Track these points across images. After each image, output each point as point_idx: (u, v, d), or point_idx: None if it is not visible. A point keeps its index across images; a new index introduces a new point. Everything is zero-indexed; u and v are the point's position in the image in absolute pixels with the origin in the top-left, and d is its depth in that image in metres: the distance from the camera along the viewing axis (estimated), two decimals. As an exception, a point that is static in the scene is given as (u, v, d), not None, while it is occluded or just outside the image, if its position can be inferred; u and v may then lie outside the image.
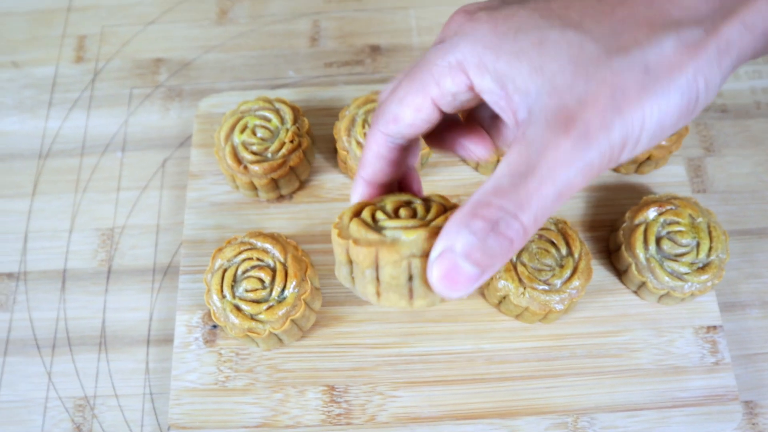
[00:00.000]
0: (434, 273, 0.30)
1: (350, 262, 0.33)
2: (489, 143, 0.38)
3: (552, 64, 0.29)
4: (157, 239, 0.59)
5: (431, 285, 0.30)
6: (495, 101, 0.31)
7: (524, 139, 0.29)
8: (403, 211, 0.34)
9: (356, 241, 0.32)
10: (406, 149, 0.37)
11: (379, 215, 0.34)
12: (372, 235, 0.32)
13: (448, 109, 0.33)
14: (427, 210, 0.34)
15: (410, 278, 0.32)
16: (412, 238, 0.31)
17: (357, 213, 0.35)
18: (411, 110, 0.34)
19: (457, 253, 0.29)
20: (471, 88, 0.32)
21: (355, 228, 0.33)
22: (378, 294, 0.33)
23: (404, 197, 0.36)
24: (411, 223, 0.32)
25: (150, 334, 0.55)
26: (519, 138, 0.29)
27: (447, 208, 0.34)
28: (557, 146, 0.28)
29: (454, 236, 0.29)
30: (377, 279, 0.32)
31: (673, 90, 0.28)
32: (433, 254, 0.30)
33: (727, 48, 0.29)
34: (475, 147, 0.38)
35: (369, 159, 0.37)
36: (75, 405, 0.53)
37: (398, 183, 0.39)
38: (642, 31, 0.29)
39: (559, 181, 0.28)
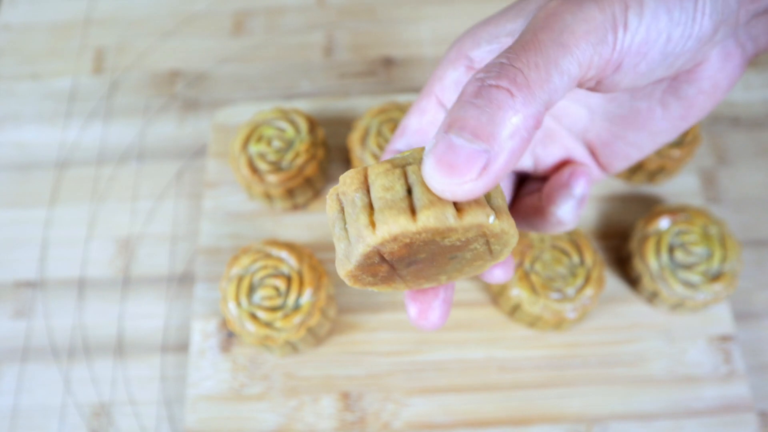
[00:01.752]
0: (427, 164, 0.24)
1: (341, 210, 0.27)
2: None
3: (531, 3, 0.29)
4: (172, 248, 0.59)
5: (428, 183, 0.24)
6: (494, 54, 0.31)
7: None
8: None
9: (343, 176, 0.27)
10: None
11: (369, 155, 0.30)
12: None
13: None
14: None
15: (408, 191, 0.26)
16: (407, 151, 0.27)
17: None
18: (416, 115, 0.34)
19: (455, 131, 0.24)
20: (471, 68, 0.32)
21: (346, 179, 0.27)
22: (372, 224, 0.26)
23: None
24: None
25: (165, 342, 0.56)
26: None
27: None
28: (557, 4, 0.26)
29: (446, 117, 0.24)
30: (369, 205, 0.26)
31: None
32: (428, 147, 0.24)
33: None
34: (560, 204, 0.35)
35: None
36: (91, 412, 0.54)
37: None
38: None
39: (553, 49, 0.25)
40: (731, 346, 0.52)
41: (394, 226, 0.25)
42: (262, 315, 0.49)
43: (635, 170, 0.56)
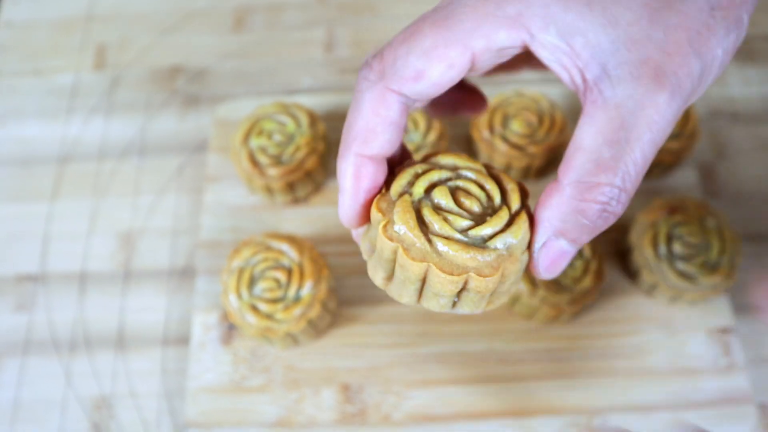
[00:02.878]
0: (540, 265, 0.30)
1: (393, 260, 0.30)
2: (483, 96, 0.36)
3: (626, 13, 0.27)
4: (173, 242, 0.60)
5: (537, 274, 0.30)
6: (556, 58, 0.28)
7: (610, 100, 0.27)
8: (464, 201, 0.30)
9: (407, 251, 0.28)
10: None
11: (428, 214, 0.29)
12: (423, 241, 0.28)
13: (484, 66, 0.29)
14: (490, 197, 0.30)
15: (462, 289, 0.29)
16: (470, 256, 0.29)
17: (405, 188, 0.30)
18: (443, 66, 0.28)
19: (564, 239, 0.29)
20: (524, 44, 0.28)
21: (402, 219, 0.29)
22: (418, 300, 0.30)
23: (456, 161, 0.31)
24: (456, 234, 0.29)
25: (166, 335, 0.56)
26: (598, 98, 0.27)
27: (505, 189, 0.31)
28: (655, 103, 0.27)
29: (560, 223, 0.29)
30: (421, 289, 0.30)
31: (732, 28, 0.28)
32: (537, 245, 0.30)
33: None
34: (473, 103, 0.36)
35: (375, 127, 0.30)
36: (92, 405, 0.54)
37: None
38: None
39: (659, 138, 0.27)
40: (731, 338, 0.52)
41: (431, 309, 0.31)
42: (263, 307, 0.50)
43: (634, 163, 0.56)
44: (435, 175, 0.30)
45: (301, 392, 0.52)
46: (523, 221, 0.29)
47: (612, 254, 0.56)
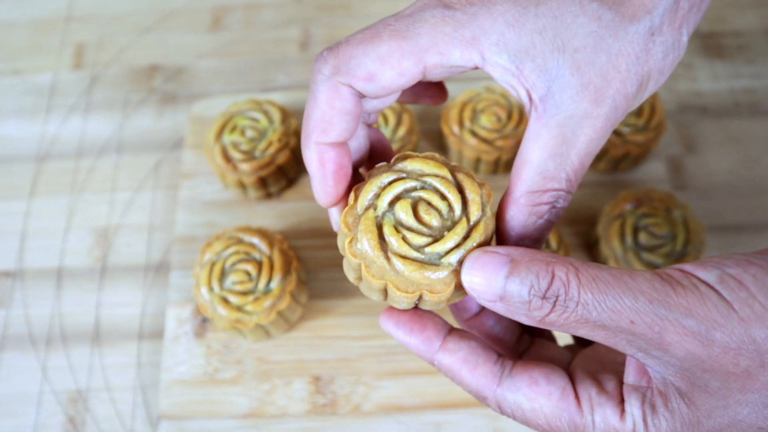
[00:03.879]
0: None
1: (360, 269, 0.32)
2: (444, 87, 0.39)
3: (574, 40, 0.29)
4: (149, 238, 0.60)
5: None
6: (506, 79, 0.30)
7: (553, 119, 0.30)
8: (424, 217, 0.31)
9: (368, 268, 0.31)
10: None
11: (389, 232, 0.31)
12: (381, 260, 0.31)
13: (433, 78, 0.31)
14: (452, 208, 0.32)
15: (420, 298, 0.31)
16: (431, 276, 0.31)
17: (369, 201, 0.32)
18: (394, 73, 0.30)
19: (528, 240, 0.32)
20: (476, 66, 0.30)
21: (364, 237, 0.31)
22: (384, 299, 0.32)
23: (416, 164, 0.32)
24: (413, 253, 0.31)
25: (142, 329, 0.57)
26: (542, 117, 0.30)
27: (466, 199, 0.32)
28: (593, 123, 0.30)
29: (522, 229, 0.32)
30: (385, 292, 0.32)
31: (671, 48, 0.31)
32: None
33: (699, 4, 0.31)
34: (433, 94, 0.38)
35: (332, 118, 0.31)
36: (68, 398, 0.55)
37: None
38: None
39: (595, 148, 0.31)
40: (696, 327, 0.53)
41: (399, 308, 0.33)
42: (234, 299, 0.50)
43: (600, 157, 0.57)
44: (399, 187, 0.32)
45: (272, 384, 0.52)
46: (479, 234, 0.31)
47: (580, 246, 0.56)
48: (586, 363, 0.33)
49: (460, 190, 0.32)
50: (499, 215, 0.32)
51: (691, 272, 0.27)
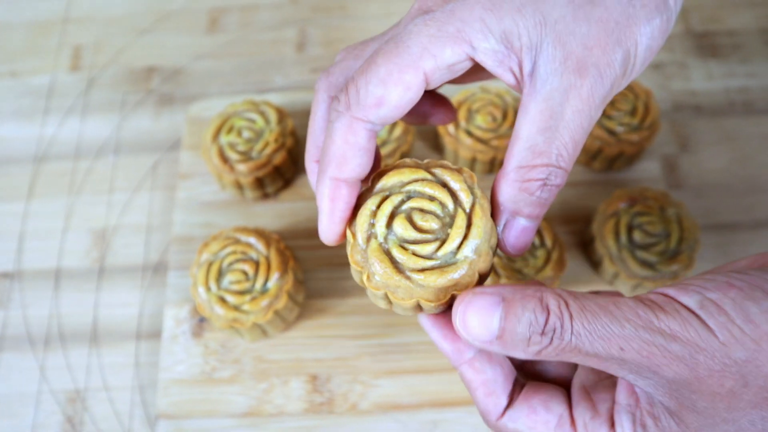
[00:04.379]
0: (507, 243, 0.33)
1: (387, 297, 0.33)
2: (452, 106, 0.40)
3: (553, 12, 0.30)
4: (147, 238, 0.61)
5: (507, 252, 0.33)
6: (498, 61, 0.31)
7: (539, 93, 0.30)
8: (422, 224, 0.32)
9: (393, 294, 0.32)
10: None
11: (398, 254, 0.31)
12: (404, 283, 0.31)
13: (438, 83, 0.32)
14: (450, 212, 0.32)
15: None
16: (428, 284, 0.31)
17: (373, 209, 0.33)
18: (400, 89, 0.31)
19: (521, 217, 0.32)
20: (469, 56, 0.31)
21: (379, 269, 0.32)
22: (388, 305, 0.33)
23: (411, 175, 0.33)
24: (428, 262, 0.31)
25: (140, 329, 0.57)
26: (531, 92, 0.30)
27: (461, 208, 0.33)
28: (578, 93, 0.30)
29: (512, 204, 0.32)
30: (419, 306, 0.32)
31: (655, 14, 0.31)
32: (499, 228, 0.33)
33: None
34: (444, 112, 0.39)
35: (346, 153, 0.32)
36: (66, 398, 0.55)
37: None
38: None
39: (586, 122, 0.31)
40: (690, 325, 0.53)
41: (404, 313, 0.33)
42: (231, 299, 0.51)
43: (594, 156, 0.57)
44: (388, 207, 0.32)
45: (270, 383, 0.53)
46: (479, 218, 0.31)
47: (575, 244, 0.57)
48: (586, 373, 0.34)
49: (444, 184, 0.33)
50: (493, 191, 0.33)
51: (674, 297, 0.28)
